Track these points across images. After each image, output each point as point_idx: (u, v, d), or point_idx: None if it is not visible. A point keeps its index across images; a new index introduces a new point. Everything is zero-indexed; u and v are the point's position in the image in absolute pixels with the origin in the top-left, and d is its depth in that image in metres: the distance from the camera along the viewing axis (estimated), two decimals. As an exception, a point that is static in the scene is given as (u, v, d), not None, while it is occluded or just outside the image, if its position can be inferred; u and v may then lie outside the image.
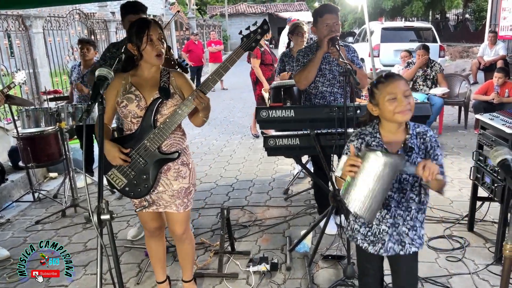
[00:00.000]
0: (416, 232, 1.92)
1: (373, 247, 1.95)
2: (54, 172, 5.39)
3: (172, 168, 2.33)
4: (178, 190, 2.35)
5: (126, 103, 2.22)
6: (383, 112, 1.84)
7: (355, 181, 1.66)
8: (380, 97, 1.83)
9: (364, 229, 1.97)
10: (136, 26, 2.18)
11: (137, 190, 2.27)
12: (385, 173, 1.61)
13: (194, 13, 23.44)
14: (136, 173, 2.24)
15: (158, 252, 2.63)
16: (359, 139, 1.94)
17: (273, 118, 2.81)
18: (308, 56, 3.17)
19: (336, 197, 2.98)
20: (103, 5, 10.51)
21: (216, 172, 5.26)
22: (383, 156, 1.61)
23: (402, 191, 1.88)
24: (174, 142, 2.32)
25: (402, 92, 1.80)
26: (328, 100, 3.23)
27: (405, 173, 1.84)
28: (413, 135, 1.87)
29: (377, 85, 1.85)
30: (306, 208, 4.00)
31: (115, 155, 2.17)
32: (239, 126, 7.90)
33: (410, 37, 11.10)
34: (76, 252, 3.41)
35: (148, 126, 2.19)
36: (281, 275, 2.95)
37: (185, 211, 2.40)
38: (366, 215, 1.66)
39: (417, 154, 1.85)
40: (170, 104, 2.23)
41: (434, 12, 23.10)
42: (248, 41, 2.13)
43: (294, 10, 40.65)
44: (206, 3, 44.04)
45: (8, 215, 4.25)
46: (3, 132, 5.26)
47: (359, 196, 1.64)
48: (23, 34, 6.32)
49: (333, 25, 3.00)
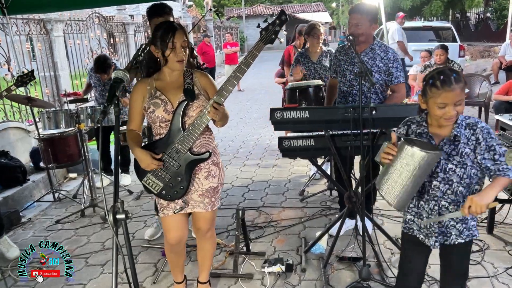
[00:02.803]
0: (465, 224, 1.90)
1: (428, 239, 1.95)
2: (74, 173, 5.49)
3: (203, 168, 2.35)
4: (207, 189, 2.37)
5: (153, 108, 2.24)
6: (430, 111, 1.83)
7: (390, 169, 1.73)
8: (431, 100, 1.78)
9: (418, 219, 1.97)
10: (162, 31, 2.17)
11: (173, 192, 2.28)
12: (419, 167, 1.65)
13: (211, 15, 23.59)
14: (171, 176, 2.26)
15: (178, 261, 2.63)
16: (405, 126, 1.96)
17: (288, 119, 2.80)
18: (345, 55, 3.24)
19: (352, 198, 2.96)
20: (122, 8, 10.69)
21: (232, 173, 5.28)
22: (418, 151, 1.64)
23: (448, 182, 1.85)
24: (204, 143, 2.34)
25: (454, 102, 1.74)
26: (347, 101, 3.22)
27: (444, 220, 1.86)
28: (461, 125, 1.82)
29: (431, 88, 1.78)
30: (321, 210, 3.98)
31: (148, 162, 2.18)
32: (255, 127, 7.91)
33: (429, 37, 10.93)
34: (94, 252, 3.47)
35: (177, 129, 2.21)
36: (296, 276, 2.94)
37: (212, 210, 2.42)
38: (396, 204, 1.73)
39: (466, 144, 1.81)
40: (196, 105, 2.24)
41: (454, 11, 22.74)
42: (267, 34, 2.10)
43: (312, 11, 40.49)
44: (223, 5, 44.25)
45: (30, 215, 4.35)
46: (25, 133, 5.39)
47: (391, 186, 1.71)
48: (44, 38, 6.48)
49: (354, 25, 3.01)
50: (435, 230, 1.92)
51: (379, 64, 3.08)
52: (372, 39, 3.12)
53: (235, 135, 7.38)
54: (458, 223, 1.89)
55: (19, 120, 5.66)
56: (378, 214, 3.75)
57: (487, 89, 6.76)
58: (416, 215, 1.97)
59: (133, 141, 2.26)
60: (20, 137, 5.29)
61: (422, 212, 1.94)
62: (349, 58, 3.20)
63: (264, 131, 7.55)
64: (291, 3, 46.09)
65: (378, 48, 3.12)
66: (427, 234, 1.95)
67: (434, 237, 1.93)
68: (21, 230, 4.02)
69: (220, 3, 43.94)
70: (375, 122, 2.71)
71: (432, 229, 1.93)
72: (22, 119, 5.73)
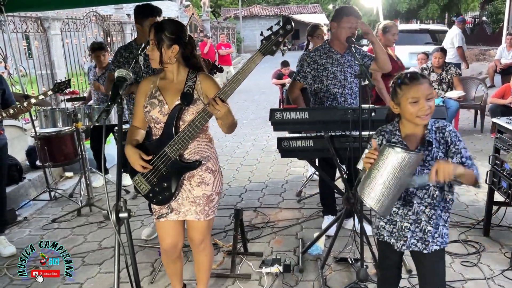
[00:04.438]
0: (437, 230, 1.91)
1: (397, 242, 1.96)
2: (70, 172, 5.47)
3: (196, 175, 2.23)
4: (199, 197, 2.24)
5: (149, 108, 2.16)
6: (404, 112, 1.85)
7: (372, 174, 1.69)
8: (403, 98, 1.82)
9: (389, 226, 1.98)
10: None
11: (158, 198, 2.20)
12: (401, 169, 1.62)
13: (208, 16, 23.57)
14: (158, 180, 2.16)
15: (176, 270, 2.54)
16: (380, 136, 1.97)
17: (287, 120, 2.81)
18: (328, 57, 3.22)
19: (350, 200, 2.97)
20: (119, 8, 10.66)
21: (229, 174, 5.28)
22: (400, 151, 1.62)
23: (425, 187, 1.87)
24: (198, 150, 2.23)
25: (425, 95, 1.79)
26: (339, 101, 3.25)
27: (413, 186, 1.83)
28: (431, 130, 1.86)
29: (401, 86, 1.84)
30: (319, 211, 3.99)
31: (135, 162, 2.09)
32: (252, 128, 7.92)
33: (426, 40, 10.99)
34: (91, 251, 3.46)
35: (169, 133, 2.09)
36: (294, 277, 2.95)
37: (205, 219, 2.28)
38: (378, 208, 1.68)
39: (438, 148, 1.84)
40: (192, 110, 2.12)
41: (450, 14, 22.86)
42: (268, 44, 1.93)
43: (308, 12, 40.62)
44: (220, 5, 44.28)
45: (25, 213, 4.33)
46: (21, 132, 5.36)
47: (373, 190, 1.67)
48: (42, 36, 6.45)
49: (354, 28, 3.04)
50: (405, 234, 1.93)
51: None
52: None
53: (232, 136, 7.36)
54: (432, 228, 1.89)
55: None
56: (376, 216, 3.75)
57: (483, 92, 6.80)
58: (388, 221, 1.98)
59: (129, 138, 2.19)
60: (16, 135, 5.26)
61: (395, 217, 1.95)
62: (334, 60, 3.21)
63: (261, 131, 7.56)
64: (288, 4, 46.18)
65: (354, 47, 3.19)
66: (398, 237, 1.95)
67: (402, 241, 1.94)
68: (17, 228, 4.00)
69: (217, 3, 43.95)
70: (375, 124, 2.71)
71: (403, 233, 1.93)
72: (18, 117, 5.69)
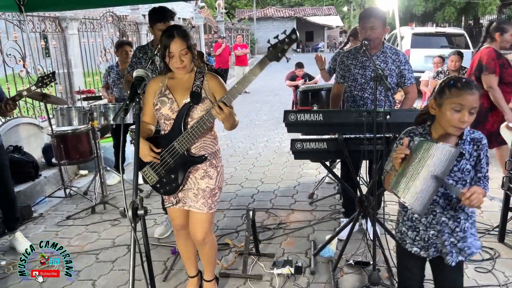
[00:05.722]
0: (465, 241, 1.84)
1: (425, 251, 1.90)
2: (84, 170, 5.54)
3: (200, 168, 2.38)
4: (203, 189, 2.39)
5: (160, 105, 2.32)
6: (441, 116, 1.76)
7: (406, 171, 1.64)
8: (447, 101, 1.72)
9: (412, 232, 1.92)
10: (163, 38, 2.23)
11: (166, 188, 2.38)
12: (440, 164, 1.56)
13: (223, 17, 23.68)
14: (165, 172, 2.34)
15: (187, 250, 2.68)
16: (408, 136, 1.89)
17: (301, 121, 2.80)
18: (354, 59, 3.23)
19: (363, 202, 2.96)
20: (135, 8, 10.78)
21: (241, 174, 5.30)
22: (435, 143, 1.57)
23: (448, 197, 1.81)
24: (204, 146, 2.37)
25: (470, 107, 1.69)
26: (358, 104, 3.23)
27: (448, 188, 1.75)
28: (466, 140, 1.78)
29: (451, 88, 1.72)
30: (331, 213, 3.98)
31: (145, 153, 2.27)
32: (265, 129, 7.93)
33: (442, 43, 10.87)
34: (104, 248, 3.50)
35: (178, 129, 2.26)
36: (305, 278, 2.94)
37: (208, 212, 2.42)
38: (416, 205, 1.62)
39: (467, 161, 1.76)
40: (200, 108, 2.28)
41: (467, 18, 22.59)
42: (275, 51, 2.09)
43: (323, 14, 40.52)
44: (235, 7, 44.42)
45: (41, 210, 4.40)
46: (38, 130, 5.45)
47: (409, 186, 1.61)
48: (59, 35, 6.55)
49: (370, 29, 3.01)
50: (430, 243, 1.87)
51: (391, 67, 3.14)
52: (382, 42, 3.16)
53: (245, 137, 7.39)
54: (457, 240, 1.83)
55: (32, 116, 5.72)
56: (388, 219, 3.73)
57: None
58: (411, 228, 1.92)
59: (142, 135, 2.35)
60: (33, 133, 5.35)
61: (418, 225, 1.90)
62: (359, 62, 3.21)
63: (273, 133, 7.57)
64: (302, 6, 46.10)
65: (388, 50, 3.17)
66: (423, 246, 1.90)
67: (432, 248, 1.88)
68: (32, 224, 4.07)
69: (231, 4, 44.11)
70: (389, 127, 2.70)
71: (427, 242, 1.88)
72: (35, 115, 5.79)
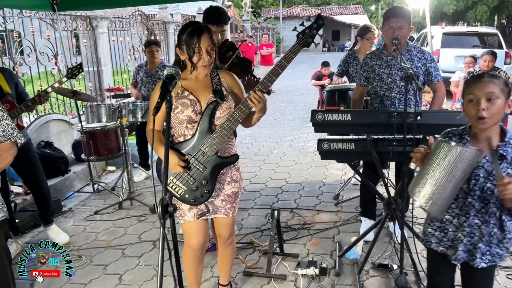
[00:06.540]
0: (490, 248, 1.78)
1: (452, 251, 1.85)
2: (112, 166, 5.65)
3: (225, 173, 2.29)
4: (229, 194, 2.32)
5: (182, 108, 2.15)
6: (466, 114, 1.73)
7: (423, 171, 1.59)
8: (465, 99, 1.71)
9: (439, 233, 1.87)
10: (187, 34, 2.08)
11: (198, 197, 2.20)
12: (456, 166, 1.51)
13: (249, 16, 23.71)
14: (195, 180, 2.17)
15: (198, 274, 2.53)
16: (447, 137, 1.84)
17: (329, 121, 2.77)
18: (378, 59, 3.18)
19: (391, 205, 2.91)
20: (163, 7, 10.91)
21: (265, 174, 5.29)
22: (455, 145, 1.51)
23: (484, 201, 1.74)
24: (227, 147, 2.27)
25: (485, 94, 1.64)
26: (385, 105, 3.18)
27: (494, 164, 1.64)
28: (508, 143, 1.72)
29: (466, 84, 1.72)
30: (357, 215, 3.92)
31: (175, 162, 2.09)
32: (290, 129, 7.90)
33: (473, 43, 10.58)
34: (131, 243, 3.56)
35: (205, 131, 2.14)
36: (330, 280, 2.91)
37: (233, 215, 2.39)
38: (429, 208, 1.58)
39: (509, 164, 1.69)
40: (225, 106, 2.18)
41: (500, 16, 21.92)
42: (304, 37, 2.11)
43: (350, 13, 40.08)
44: (261, 6, 44.45)
45: (70, 204, 4.52)
46: (68, 126, 5.59)
47: (424, 187, 1.57)
48: (90, 34, 6.70)
49: (398, 28, 2.95)
50: (457, 245, 1.81)
51: (418, 64, 3.10)
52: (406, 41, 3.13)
53: (269, 136, 7.38)
54: (484, 244, 1.77)
55: (63, 112, 5.87)
56: (416, 222, 3.65)
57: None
58: (439, 229, 1.87)
59: (158, 141, 2.21)
60: (64, 129, 5.49)
61: (448, 226, 1.84)
62: (384, 62, 3.16)
63: (298, 132, 7.53)
64: (329, 5, 45.73)
65: (413, 49, 3.15)
66: (450, 246, 1.85)
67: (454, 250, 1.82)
68: (62, 218, 4.18)
69: (258, 3, 44.14)
70: (420, 128, 2.64)
71: (454, 244, 1.82)
72: (66, 112, 5.95)
